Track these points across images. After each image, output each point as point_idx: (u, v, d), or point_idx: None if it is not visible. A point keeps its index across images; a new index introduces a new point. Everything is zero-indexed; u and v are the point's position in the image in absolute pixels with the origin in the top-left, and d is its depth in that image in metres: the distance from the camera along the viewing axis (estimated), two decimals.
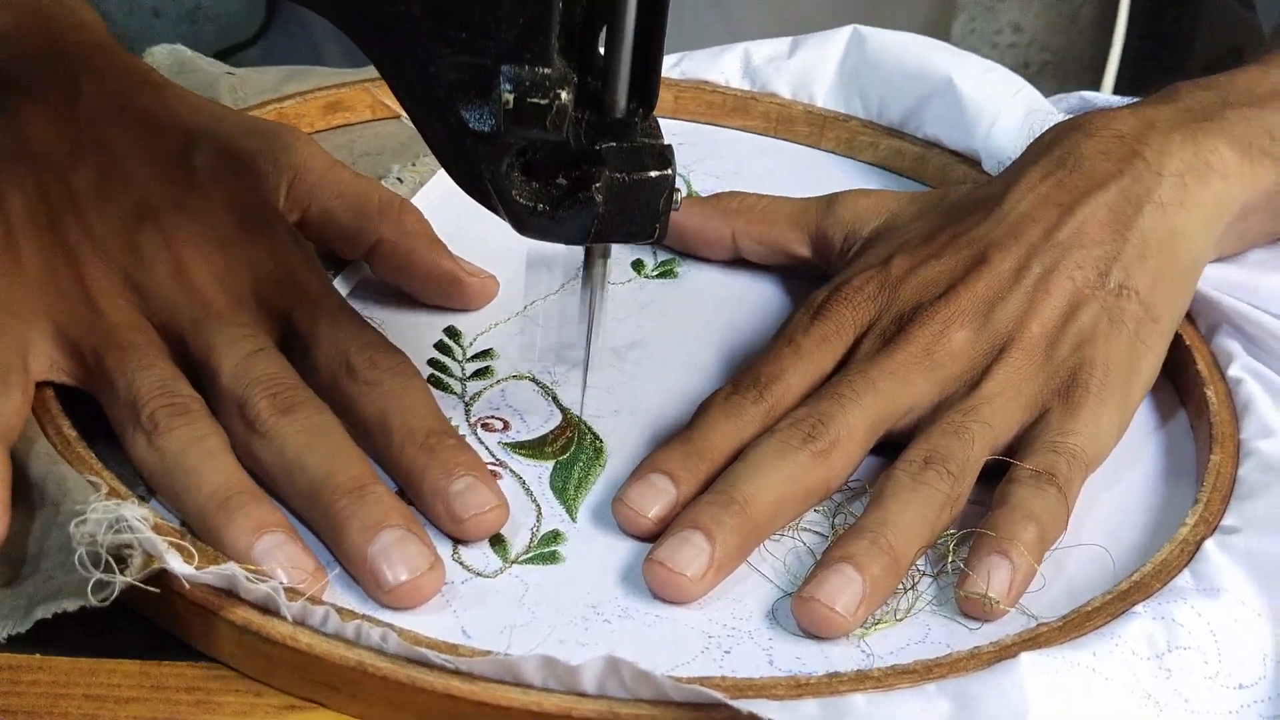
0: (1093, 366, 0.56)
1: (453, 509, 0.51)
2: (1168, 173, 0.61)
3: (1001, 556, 0.51)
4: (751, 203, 0.67)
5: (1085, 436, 0.55)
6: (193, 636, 0.47)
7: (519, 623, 0.49)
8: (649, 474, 0.53)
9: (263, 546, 0.48)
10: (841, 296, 0.59)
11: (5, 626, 0.47)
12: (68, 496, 0.50)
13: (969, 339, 0.57)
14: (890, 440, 0.56)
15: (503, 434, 0.58)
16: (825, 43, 0.79)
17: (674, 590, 0.50)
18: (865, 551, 0.50)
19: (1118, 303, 0.58)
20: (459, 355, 0.61)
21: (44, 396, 0.54)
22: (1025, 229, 0.60)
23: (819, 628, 0.49)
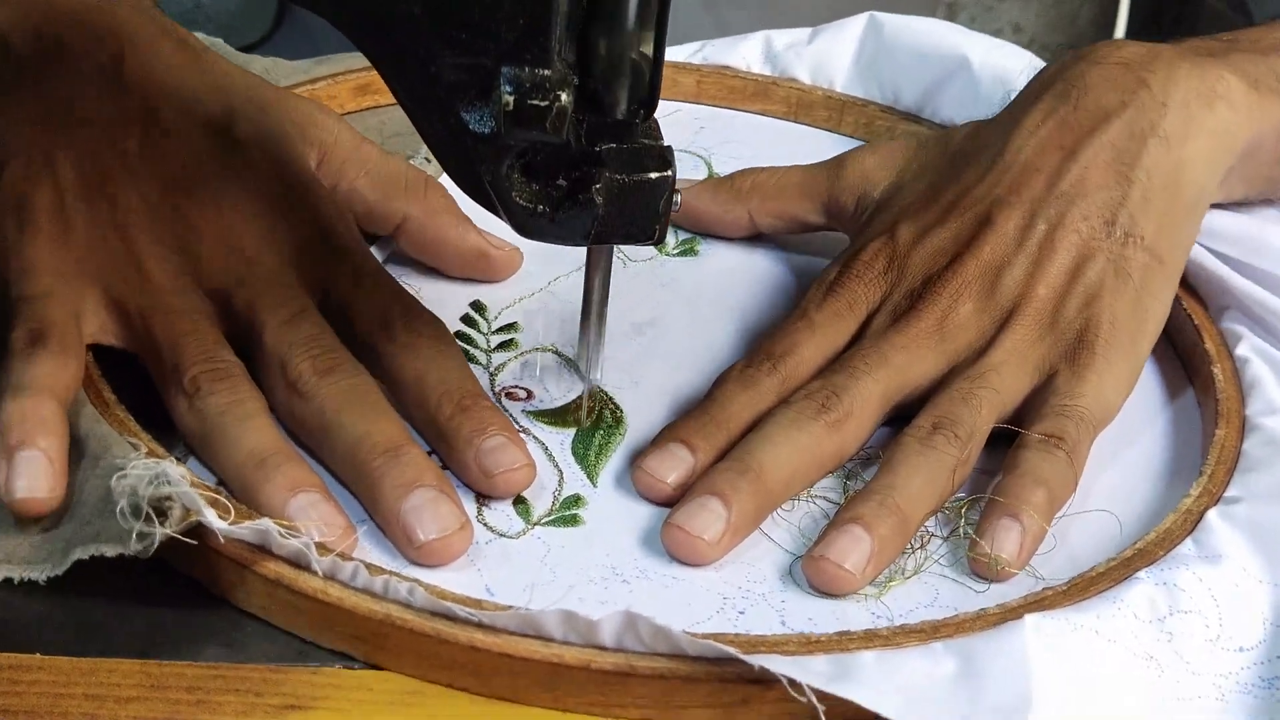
0: (1098, 326, 0.57)
1: (484, 465, 0.53)
2: (1173, 102, 0.61)
3: (1012, 519, 0.52)
4: (763, 179, 0.69)
5: (1092, 398, 0.56)
6: (226, 589, 0.49)
7: (540, 582, 0.51)
8: (668, 443, 0.55)
9: (297, 504, 0.50)
10: (853, 272, 0.60)
11: (44, 569, 0.48)
12: (108, 452, 0.51)
13: (977, 309, 0.58)
14: (901, 411, 0.57)
15: (526, 403, 0.59)
16: (843, 29, 0.81)
17: (691, 553, 0.52)
18: (873, 512, 0.52)
19: (1123, 252, 0.59)
20: (484, 328, 0.63)
21: (85, 363, 0.55)
22: (1028, 180, 0.60)
23: (829, 585, 0.51)
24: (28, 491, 0.49)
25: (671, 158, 0.49)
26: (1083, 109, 0.61)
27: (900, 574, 0.52)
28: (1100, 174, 0.60)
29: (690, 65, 0.81)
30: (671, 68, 0.81)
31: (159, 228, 0.57)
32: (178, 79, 0.61)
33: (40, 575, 0.49)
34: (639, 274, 0.68)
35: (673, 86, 0.80)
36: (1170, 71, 0.62)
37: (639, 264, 0.68)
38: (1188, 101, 0.61)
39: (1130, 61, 0.62)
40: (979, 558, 0.52)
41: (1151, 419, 0.62)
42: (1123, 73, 0.62)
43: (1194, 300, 0.66)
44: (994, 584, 0.52)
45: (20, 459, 0.49)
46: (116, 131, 0.58)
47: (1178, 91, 0.61)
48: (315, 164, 0.63)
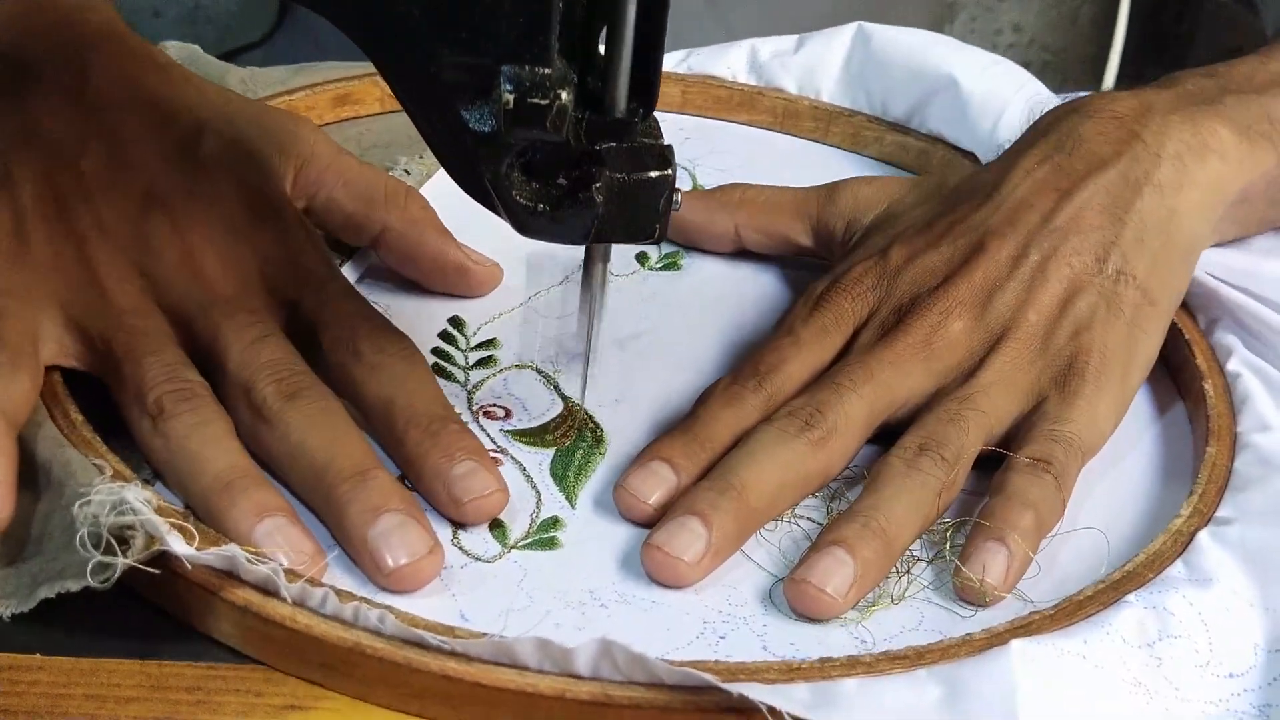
0: (1089, 354, 0.57)
1: (453, 492, 0.52)
2: (1166, 154, 0.61)
3: (998, 544, 0.51)
4: (753, 195, 0.68)
5: (1082, 425, 0.55)
6: (193, 617, 0.48)
7: (516, 607, 0.50)
8: (650, 461, 0.54)
9: (264, 529, 0.49)
10: (840, 287, 0.59)
11: (9, 605, 0.47)
12: (72, 478, 0.50)
13: (966, 329, 0.57)
14: (888, 429, 0.56)
15: (504, 422, 0.58)
16: (831, 39, 0.80)
17: (671, 574, 0.51)
18: (857, 535, 0.51)
19: (1115, 289, 0.59)
20: (462, 344, 0.62)
21: (51, 381, 0.55)
22: (1023, 215, 0.60)
23: (810, 609, 0.50)
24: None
25: (672, 156, 0.49)
26: (1077, 156, 0.61)
27: (885, 598, 0.51)
28: (1094, 215, 0.60)
29: (675, 75, 0.80)
30: None
31: (118, 249, 0.56)
32: (144, 97, 0.60)
33: (5, 611, 0.48)
34: (622, 288, 0.67)
35: None
36: (1163, 125, 0.62)
37: (622, 278, 0.67)
38: (1180, 154, 0.61)
39: (1124, 115, 0.63)
40: (965, 582, 0.51)
41: (1141, 435, 0.61)
42: (1116, 126, 0.62)
43: (1184, 313, 0.65)
44: (980, 609, 0.51)
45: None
46: (78, 151, 0.58)
47: (1170, 144, 0.61)
48: (292, 176, 0.62)
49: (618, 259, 0.68)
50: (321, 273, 0.58)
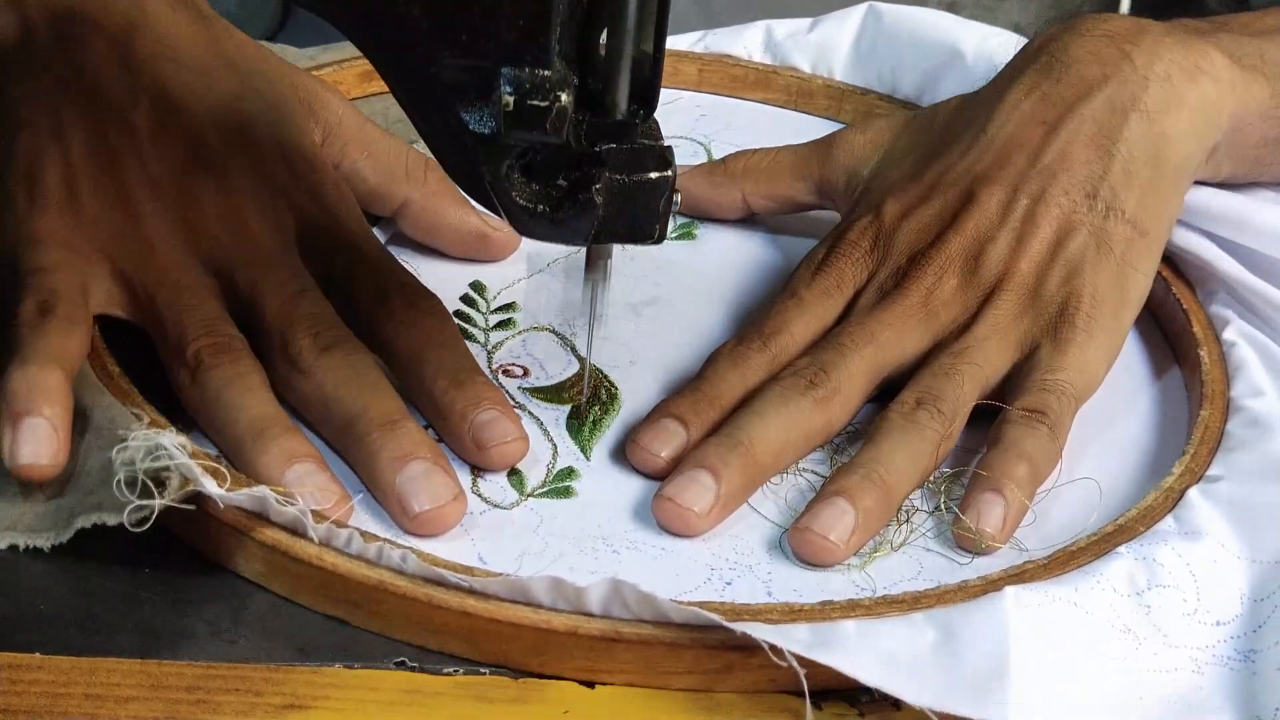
0: (1080, 300, 0.58)
1: (478, 438, 0.54)
2: (1155, 76, 0.61)
3: (995, 494, 0.53)
4: (756, 161, 0.70)
5: (1074, 371, 0.57)
6: (224, 555, 0.50)
7: (532, 550, 0.52)
8: (661, 418, 0.56)
9: (294, 474, 0.51)
10: (840, 251, 0.61)
11: (48, 537, 0.50)
12: (112, 423, 0.52)
13: (960, 285, 0.59)
14: (888, 387, 0.58)
15: (522, 379, 0.60)
16: (843, 19, 0.82)
17: (681, 524, 0.53)
18: (858, 485, 0.53)
19: (1105, 225, 0.60)
20: (483, 308, 0.64)
21: (90, 336, 0.57)
22: (1010, 156, 0.61)
23: (814, 556, 0.52)
24: (32, 458, 0.50)
25: (672, 158, 0.50)
26: (1065, 82, 0.62)
27: (885, 546, 0.53)
28: (1081, 149, 0.61)
29: (692, 54, 0.82)
30: (673, 56, 0.82)
31: (165, 204, 0.58)
32: (189, 53, 0.61)
33: (45, 543, 0.50)
34: (636, 256, 0.69)
35: (674, 75, 0.81)
36: (1155, 46, 0.62)
37: (638, 247, 0.69)
38: (1170, 75, 0.62)
39: (1115, 34, 0.63)
40: (963, 531, 0.53)
41: (1138, 397, 0.63)
42: (1106, 45, 0.62)
43: (1183, 284, 0.67)
44: (977, 557, 0.53)
45: (25, 426, 0.50)
46: (126, 107, 0.59)
47: (1160, 65, 0.62)
48: (319, 142, 0.64)
49: None
50: (356, 233, 0.60)
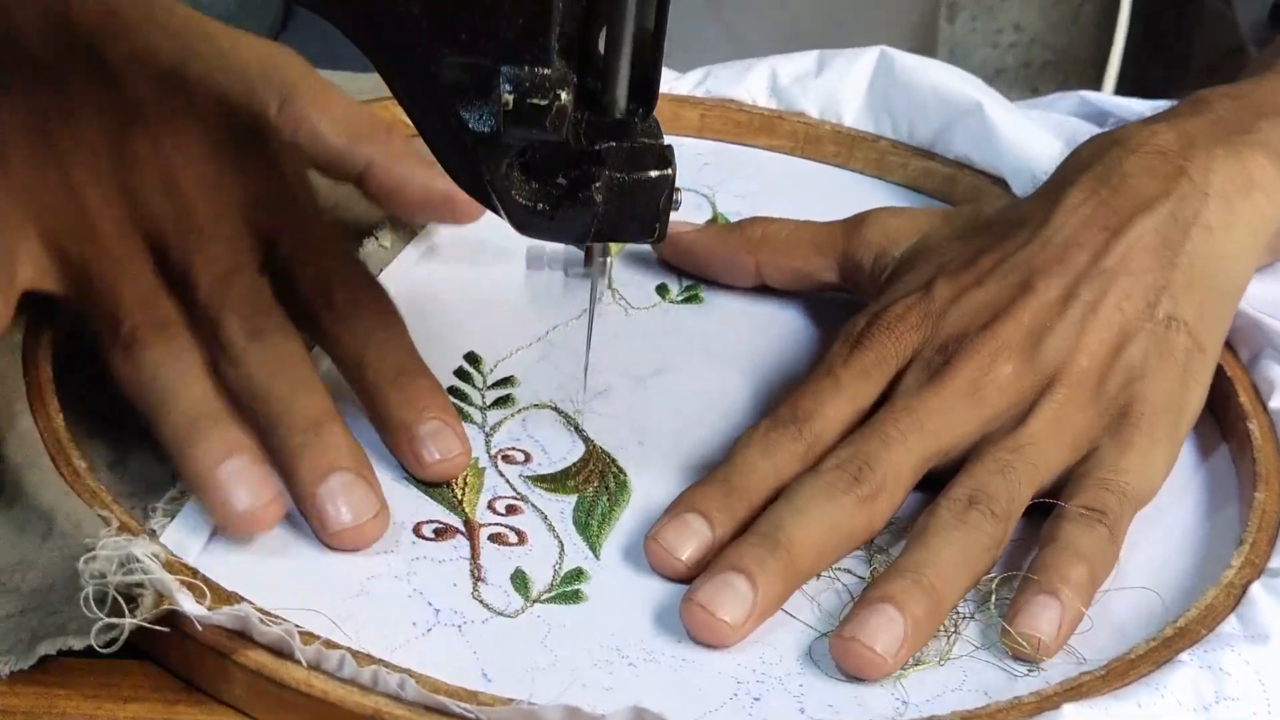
0: (1144, 403, 0.55)
1: (418, 452, 0.53)
2: (1213, 192, 0.60)
3: (1050, 597, 0.49)
4: (775, 230, 0.66)
5: (1136, 474, 0.54)
6: (203, 680, 0.46)
7: (540, 665, 0.48)
8: (684, 513, 0.52)
9: (226, 469, 0.49)
10: (883, 325, 0.57)
11: (8, 662, 0.46)
12: (78, 530, 0.48)
13: (1016, 373, 0.55)
14: (931, 476, 0.54)
15: (524, 466, 0.56)
16: (852, 62, 0.78)
17: (712, 635, 0.49)
18: (906, 591, 0.49)
19: (1167, 335, 0.57)
20: (479, 383, 0.60)
21: (54, 427, 0.52)
22: (1071, 254, 0.58)
23: (858, 669, 0.48)
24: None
25: (672, 156, 0.49)
26: (1123, 193, 0.59)
27: (930, 657, 0.49)
28: (1144, 256, 0.58)
29: (693, 99, 0.78)
30: (673, 101, 0.78)
31: (100, 170, 0.55)
32: (127, 23, 0.59)
33: (4, 669, 0.46)
34: (641, 322, 0.65)
35: (675, 121, 0.77)
36: (1208, 160, 0.60)
37: (642, 311, 0.65)
38: (1227, 192, 0.60)
39: (1167, 150, 0.61)
40: (1013, 644, 0.49)
41: (1187, 479, 0.59)
42: (1161, 161, 0.60)
43: (1225, 347, 0.62)
44: (1025, 665, 0.49)
45: None
46: (61, 71, 0.56)
47: (1216, 180, 0.60)
48: (276, 108, 0.61)
49: (637, 293, 0.66)
50: (303, 207, 0.57)
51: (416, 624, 0.49)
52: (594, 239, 0.49)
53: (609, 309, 0.65)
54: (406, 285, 0.63)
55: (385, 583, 0.50)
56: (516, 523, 0.53)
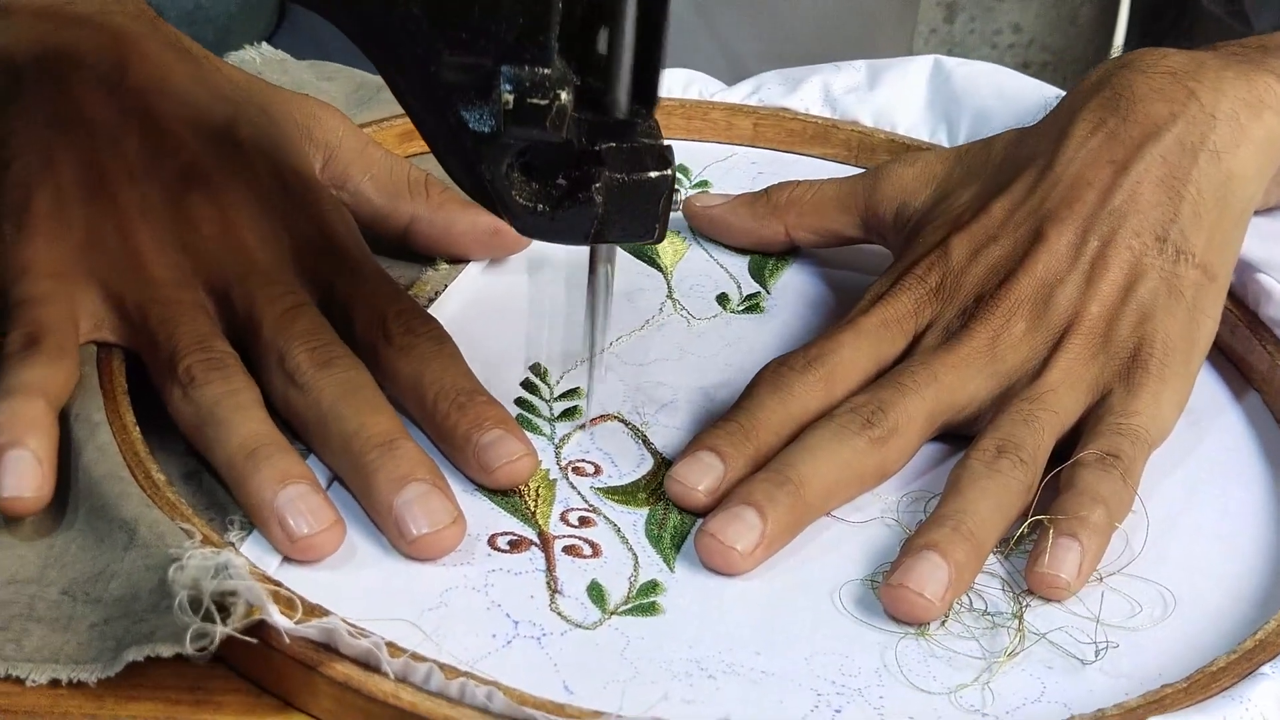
0: (1152, 345, 0.57)
1: (483, 460, 0.53)
2: (1221, 114, 0.60)
3: (1070, 539, 0.51)
4: (800, 193, 0.68)
5: (1148, 416, 0.56)
6: (289, 692, 0.46)
7: (621, 678, 0.48)
8: (698, 451, 0.54)
9: (285, 496, 0.50)
10: (905, 286, 0.59)
11: (94, 670, 0.46)
12: (161, 540, 0.49)
13: (1029, 329, 0.57)
14: (948, 431, 0.56)
15: (594, 479, 0.56)
16: (905, 71, 0.78)
17: (723, 561, 0.51)
18: (948, 539, 0.51)
19: (1175, 269, 0.58)
20: (546, 394, 0.60)
21: (131, 440, 0.53)
22: (1080, 194, 0.59)
23: (909, 615, 0.50)
24: (15, 490, 0.49)
25: (671, 156, 0.49)
26: (1132, 120, 0.60)
27: (1002, 656, 0.49)
28: (1151, 190, 0.59)
29: (746, 107, 0.78)
30: (727, 110, 0.78)
31: (158, 225, 0.57)
32: (180, 86, 0.61)
33: (90, 676, 0.46)
34: (704, 333, 0.65)
35: (729, 129, 0.78)
36: (1218, 81, 0.61)
37: (703, 322, 0.65)
38: (1236, 112, 0.61)
39: (1177, 71, 0.61)
40: (1039, 575, 0.51)
41: (1260, 491, 0.58)
42: (1171, 82, 0.61)
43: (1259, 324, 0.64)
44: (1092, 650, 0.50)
45: (8, 459, 0.50)
46: (118, 133, 0.59)
47: (1225, 102, 0.61)
48: (320, 165, 0.63)
49: (698, 303, 0.66)
50: (354, 254, 0.59)
51: (496, 636, 0.49)
52: (593, 240, 0.50)
53: (671, 320, 0.65)
54: (469, 302, 0.63)
55: (463, 595, 0.50)
56: (590, 535, 0.53)
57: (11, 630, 0.47)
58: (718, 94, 0.79)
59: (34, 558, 0.50)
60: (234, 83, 0.63)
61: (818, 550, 0.53)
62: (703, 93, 0.79)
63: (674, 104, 0.77)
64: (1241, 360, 0.64)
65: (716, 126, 0.78)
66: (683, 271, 0.68)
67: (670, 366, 0.62)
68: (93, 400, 0.54)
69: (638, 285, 0.67)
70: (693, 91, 0.79)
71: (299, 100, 0.64)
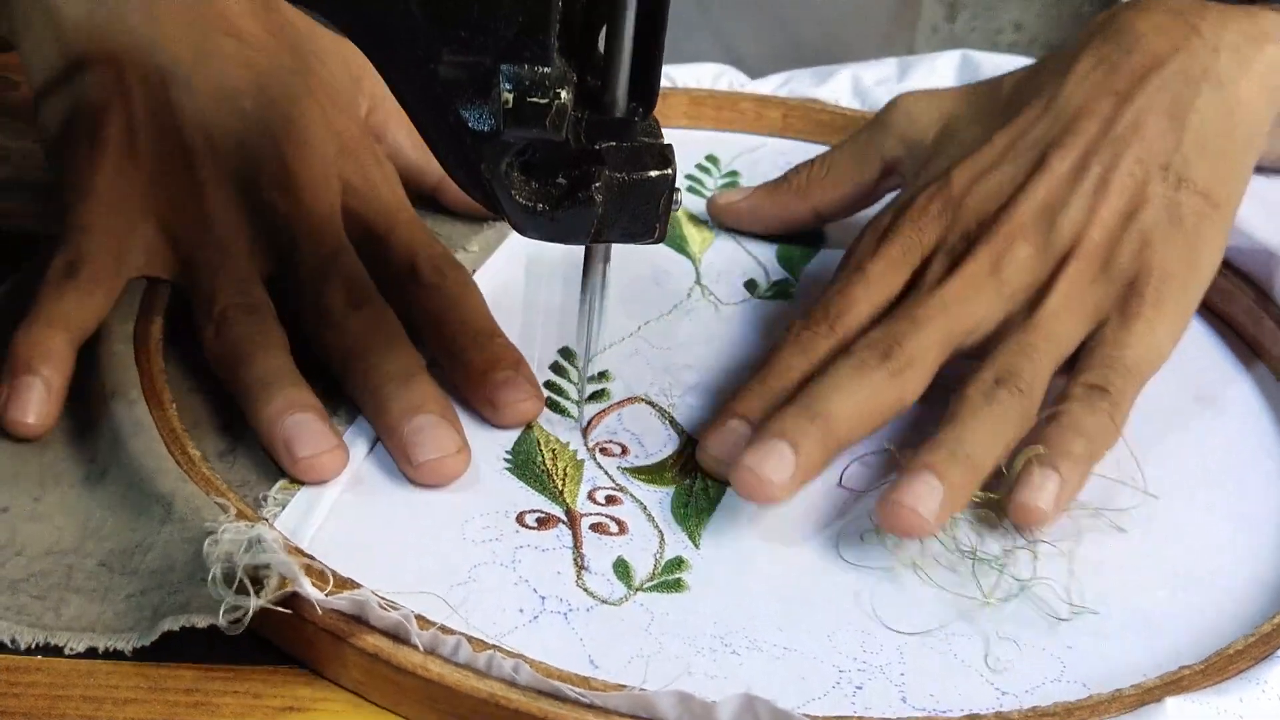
0: (1149, 273, 0.57)
1: (492, 397, 0.56)
2: (1224, 45, 0.61)
3: (1049, 469, 0.52)
4: (818, 171, 0.69)
5: (1141, 348, 0.56)
6: (321, 662, 0.47)
7: (646, 653, 0.49)
8: (728, 420, 0.55)
9: (292, 420, 0.53)
10: (907, 218, 0.60)
11: (130, 639, 0.47)
12: (197, 514, 0.50)
13: (1032, 253, 0.58)
14: (960, 355, 0.57)
15: (621, 459, 0.57)
16: (933, 64, 0.78)
17: (761, 494, 0.52)
18: (945, 461, 0.52)
19: (1177, 198, 0.58)
20: (574, 377, 0.61)
21: (168, 417, 0.54)
22: (1082, 124, 0.60)
23: (902, 528, 0.51)
24: (19, 414, 0.53)
25: (672, 156, 0.49)
26: (1135, 53, 0.61)
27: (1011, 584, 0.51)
28: (1154, 118, 0.60)
29: (776, 99, 0.79)
30: (757, 101, 0.79)
31: (221, 167, 0.59)
32: (248, 29, 0.63)
33: (126, 645, 0.47)
34: (731, 318, 0.65)
35: (758, 120, 0.78)
36: (1221, 15, 0.62)
37: (731, 307, 0.66)
38: (1238, 44, 0.61)
39: (1179, 9, 0.62)
40: (1017, 504, 0.52)
41: (1264, 465, 0.59)
42: (1173, 19, 0.62)
43: None
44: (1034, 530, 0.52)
45: (19, 384, 0.53)
46: (189, 72, 0.61)
47: (1228, 34, 0.61)
48: (364, 114, 0.66)
49: (726, 289, 0.67)
50: (392, 200, 0.62)
51: (524, 610, 0.50)
52: (593, 239, 0.50)
53: (699, 305, 0.66)
54: (498, 287, 0.64)
55: (492, 570, 0.51)
56: (617, 513, 0.54)
57: (50, 599, 0.48)
58: (748, 85, 0.80)
59: (72, 529, 0.51)
60: (296, 29, 0.65)
61: (843, 528, 0.54)
62: (733, 84, 0.80)
63: (704, 94, 0.78)
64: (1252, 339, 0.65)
65: (746, 117, 0.78)
66: (710, 259, 0.69)
67: (698, 350, 0.63)
68: (130, 377, 0.55)
69: (665, 269, 0.68)
70: (723, 83, 0.80)
71: (348, 48, 0.65)
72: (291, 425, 0.53)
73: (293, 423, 0.53)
